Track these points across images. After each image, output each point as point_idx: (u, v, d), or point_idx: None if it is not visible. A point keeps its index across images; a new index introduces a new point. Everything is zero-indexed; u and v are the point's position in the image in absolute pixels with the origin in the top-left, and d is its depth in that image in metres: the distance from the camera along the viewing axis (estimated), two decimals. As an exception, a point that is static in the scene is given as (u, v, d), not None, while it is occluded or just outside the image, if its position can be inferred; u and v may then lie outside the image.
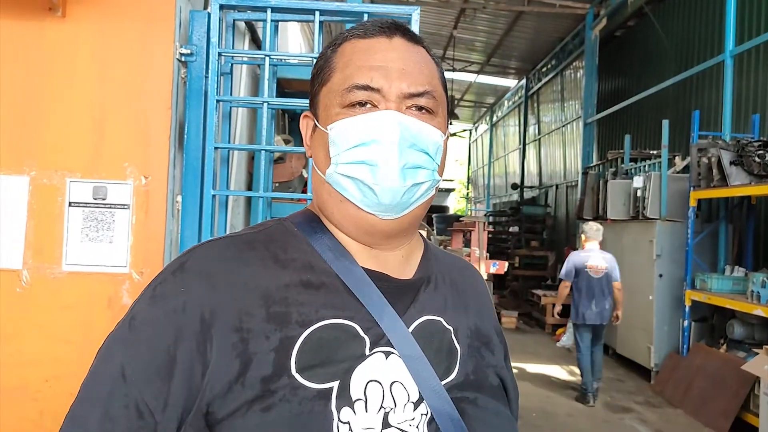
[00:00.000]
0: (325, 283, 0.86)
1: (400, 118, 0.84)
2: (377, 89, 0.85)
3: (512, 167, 20.58)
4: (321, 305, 0.83)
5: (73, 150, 2.17)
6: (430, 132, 0.88)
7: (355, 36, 0.91)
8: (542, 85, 16.93)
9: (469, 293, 1.03)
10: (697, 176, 6.65)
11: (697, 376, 6.41)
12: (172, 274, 0.84)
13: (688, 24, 9.53)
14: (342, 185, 0.86)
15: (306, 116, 0.97)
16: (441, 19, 14.25)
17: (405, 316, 0.88)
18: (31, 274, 2.14)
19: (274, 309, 0.81)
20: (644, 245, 7.71)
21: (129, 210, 2.18)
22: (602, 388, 7.03)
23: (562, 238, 14.27)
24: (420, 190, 0.87)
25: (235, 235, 0.92)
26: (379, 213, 0.86)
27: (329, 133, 0.87)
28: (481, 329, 0.99)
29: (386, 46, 0.88)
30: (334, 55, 0.91)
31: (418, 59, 0.89)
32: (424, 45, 0.93)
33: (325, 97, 0.90)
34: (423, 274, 0.96)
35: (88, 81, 2.19)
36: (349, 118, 0.85)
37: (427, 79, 0.89)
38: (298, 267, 0.86)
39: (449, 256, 1.11)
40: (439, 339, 0.90)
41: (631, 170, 8.95)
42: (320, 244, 0.90)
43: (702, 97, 8.89)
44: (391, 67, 0.86)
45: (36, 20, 2.17)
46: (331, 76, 0.89)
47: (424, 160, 0.87)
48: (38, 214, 2.15)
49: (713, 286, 6.51)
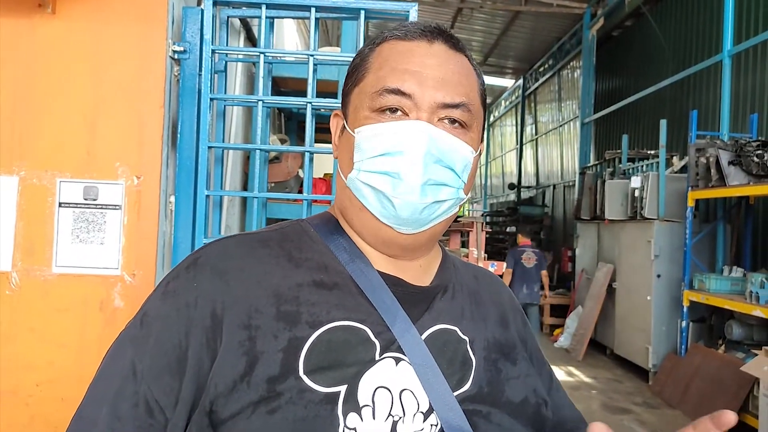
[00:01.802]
0: (338, 284, 0.83)
1: (429, 131, 0.80)
2: (409, 95, 0.81)
3: (509, 167, 20.57)
4: (332, 306, 0.81)
5: (63, 149, 2.13)
6: (460, 148, 0.83)
7: (394, 37, 0.87)
8: (539, 85, 16.91)
9: (489, 304, 0.98)
10: (695, 176, 6.63)
11: (696, 377, 6.39)
12: (186, 270, 0.83)
13: (685, 24, 9.51)
14: (362, 193, 0.83)
15: (336, 115, 0.94)
16: (438, 18, 14.22)
17: (418, 324, 0.84)
18: (21, 277, 2.09)
19: (285, 308, 0.79)
20: (642, 245, 7.69)
21: (121, 211, 2.14)
22: (600, 388, 7.01)
23: (560, 239, 14.25)
24: (441, 209, 0.84)
25: (250, 233, 0.90)
26: (396, 226, 0.83)
27: (356, 137, 0.84)
28: (501, 341, 0.94)
29: (425, 51, 0.84)
30: (371, 54, 0.87)
31: (457, 68, 0.85)
32: (467, 54, 0.89)
33: (357, 98, 0.86)
34: (440, 282, 0.93)
35: (78, 79, 2.15)
36: (377, 125, 0.82)
37: (465, 91, 0.84)
38: (312, 267, 0.84)
39: (470, 266, 1.07)
40: (453, 349, 0.86)
41: (629, 170, 8.94)
42: (336, 246, 0.88)
43: (700, 97, 8.87)
44: (427, 74, 0.82)
45: (25, 17, 2.13)
46: (365, 76, 0.86)
47: (449, 178, 0.82)
48: (28, 215, 2.10)
49: (711, 286, 6.48)
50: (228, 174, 2.91)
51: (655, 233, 7.41)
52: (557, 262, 12.88)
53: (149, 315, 0.80)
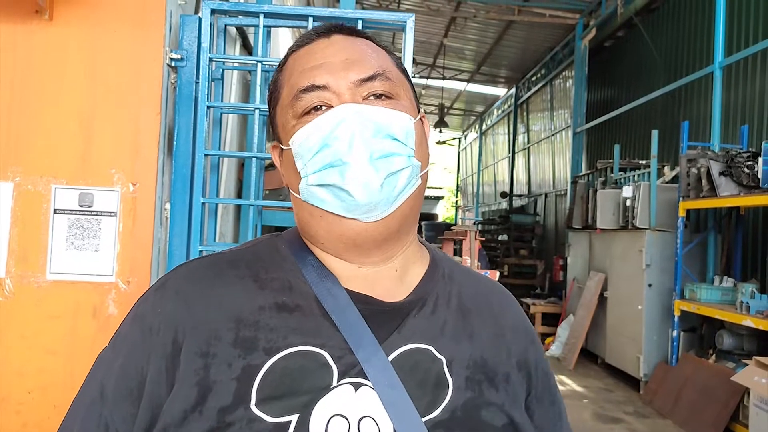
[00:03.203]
0: (300, 306, 0.80)
1: (354, 108, 0.78)
2: (324, 85, 0.80)
3: (501, 176, 20.62)
4: (291, 330, 0.78)
5: (59, 156, 2.12)
6: (393, 115, 0.80)
7: (294, 49, 0.87)
8: (532, 94, 16.99)
9: (485, 319, 0.91)
10: (687, 186, 6.67)
11: (687, 386, 6.41)
12: (154, 292, 0.83)
13: (677, 35, 9.59)
14: (317, 197, 0.80)
15: (273, 146, 0.92)
16: (431, 27, 14.28)
17: (386, 344, 0.80)
18: (14, 283, 2.08)
19: (244, 333, 0.77)
20: (633, 255, 7.72)
21: (116, 217, 2.13)
22: (591, 398, 7.02)
23: (551, 247, 14.29)
24: (400, 181, 0.79)
25: (225, 253, 0.88)
26: (361, 216, 0.78)
27: (292, 147, 0.81)
28: (489, 361, 0.86)
29: (325, 45, 0.84)
30: (280, 74, 0.88)
31: (362, 47, 0.85)
32: (369, 37, 0.89)
33: (280, 115, 0.86)
34: (418, 295, 0.87)
35: (75, 85, 2.15)
36: (305, 126, 0.80)
37: (377, 63, 0.83)
38: (276, 288, 0.81)
39: (469, 275, 0.99)
40: (425, 370, 0.80)
41: (621, 180, 8.98)
42: (304, 263, 0.85)
43: (691, 108, 8.94)
44: (332, 61, 0.81)
45: (22, 23, 2.12)
46: (281, 93, 0.86)
47: (394, 146, 0.79)
48: (22, 222, 2.09)
49: (702, 296, 6.51)
50: (223, 181, 2.91)
51: (646, 243, 7.45)
52: (549, 271, 12.91)
53: (119, 338, 0.82)
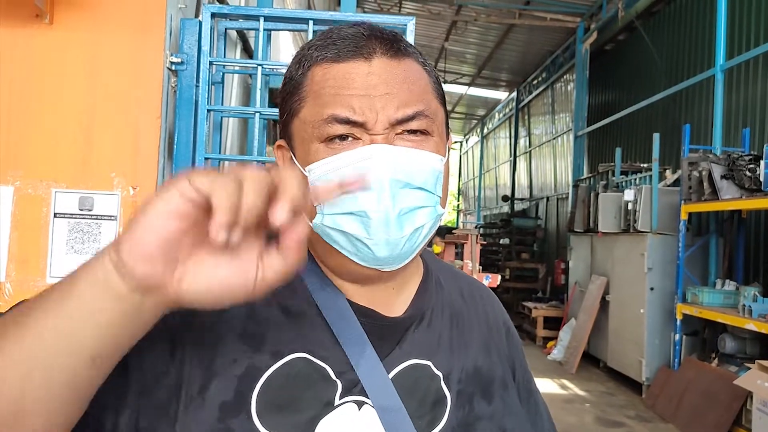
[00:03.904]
0: (305, 313, 0.77)
1: (389, 153, 0.71)
2: (361, 123, 0.72)
3: (503, 179, 20.61)
4: (294, 337, 0.74)
5: (59, 159, 2.12)
6: (428, 161, 0.74)
7: (326, 59, 0.76)
8: (533, 98, 16.99)
9: (474, 326, 0.90)
10: (688, 190, 6.66)
11: (689, 390, 6.39)
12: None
13: (678, 38, 9.59)
14: (332, 238, 0.74)
15: (280, 146, 0.83)
16: (432, 31, 14.30)
17: (387, 360, 0.77)
18: (14, 287, 2.08)
19: (252, 328, 0.73)
20: (635, 258, 7.71)
21: (116, 221, 2.13)
22: (593, 401, 7.00)
23: (553, 251, 14.27)
24: (422, 234, 0.75)
25: None
26: (377, 266, 0.75)
27: (309, 176, 0.74)
28: (481, 370, 0.86)
29: (365, 71, 0.74)
30: (304, 80, 0.77)
31: (405, 76, 0.75)
32: (411, 53, 0.79)
33: (300, 129, 0.77)
34: (415, 310, 0.84)
35: (76, 89, 2.15)
36: (329, 159, 0.72)
37: (419, 97, 0.75)
38: (282, 289, 0.74)
39: (458, 278, 0.98)
40: (425, 387, 0.79)
41: (622, 183, 8.97)
42: (306, 271, 0.80)
43: (692, 111, 8.93)
44: (373, 95, 0.73)
45: (23, 27, 2.13)
46: (302, 107, 0.76)
47: (422, 198, 0.73)
48: (22, 225, 2.09)
49: (704, 299, 6.50)
50: (223, 185, 2.90)
51: (648, 246, 7.43)
52: (550, 275, 12.89)
53: None
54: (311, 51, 0.78)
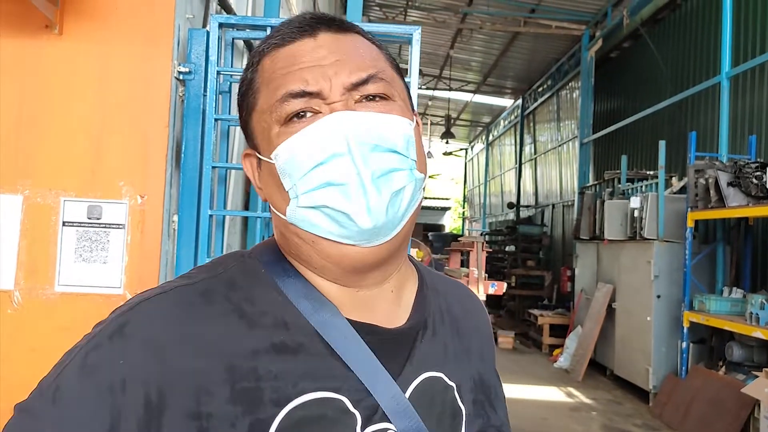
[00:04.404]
0: (304, 345, 0.70)
1: (352, 117, 0.69)
2: (316, 93, 0.70)
3: (508, 186, 20.60)
4: (300, 375, 0.68)
5: (68, 168, 2.14)
6: (391, 122, 0.71)
7: (272, 46, 0.75)
8: (538, 105, 17.00)
9: (471, 332, 0.88)
10: (695, 197, 6.65)
11: (696, 398, 6.36)
12: (109, 339, 0.66)
13: (683, 46, 9.59)
14: (311, 221, 0.69)
15: (247, 155, 0.79)
16: (438, 39, 14.34)
17: (401, 378, 0.73)
18: (23, 295, 2.09)
19: (241, 385, 0.65)
20: (642, 266, 7.69)
21: (124, 230, 2.14)
22: (600, 410, 6.96)
23: (559, 258, 14.24)
24: (405, 199, 0.71)
25: (188, 284, 0.72)
26: (364, 242, 0.69)
27: (276, 162, 0.70)
28: (484, 377, 0.85)
29: (312, 46, 0.73)
30: (255, 75, 0.76)
31: (353, 45, 0.74)
32: (358, 30, 0.78)
33: (258, 121, 0.74)
34: (419, 317, 0.80)
35: (84, 99, 2.17)
36: (292, 138, 0.69)
37: (370, 62, 0.73)
38: (269, 324, 0.70)
39: (447, 282, 0.94)
40: (442, 400, 0.76)
41: (628, 190, 8.96)
42: (294, 291, 0.73)
43: (698, 118, 8.92)
44: (324, 64, 0.71)
45: (32, 38, 2.15)
46: (257, 98, 0.74)
47: (396, 161, 0.70)
48: (31, 234, 2.11)
49: (711, 307, 6.47)
50: (230, 193, 2.92)
51: (654, 254, 7.41)
52: (556, 282, 12.86)
53: (62, 391, 0.63)
54: (258, 48, 0.78)
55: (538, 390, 7.96)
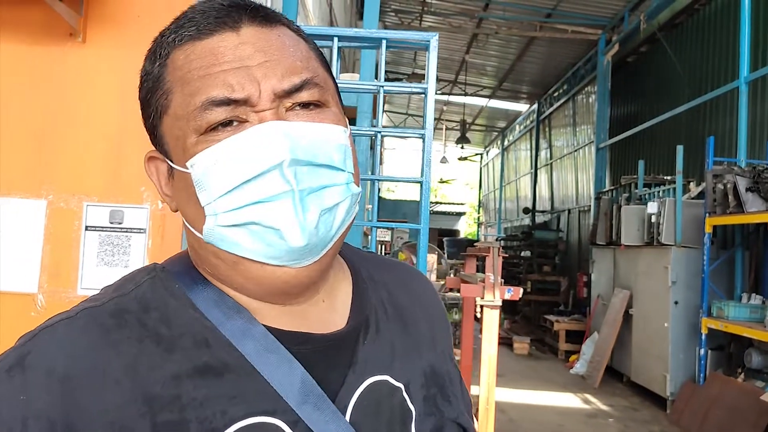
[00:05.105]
0: (229, 365, 0.62)
1: (284, 129, 0.61)
2: (243, 100, 0.61)
3: (524, 191, 20.54)
4: (228, 399, 0.61)
5: (90, 174, 2.18)
6: (329, 134, 0.65)
7: (185, 39, 0.65)
8: (554, 110, 16.95)
9: (419, 319, 0.81)
10: (713, 202, 6.60)
11: (714, 406, 6.30)
12: (7, 373, 0.58)
13: (701, 50, 9.53)
14: (231, 240, 0.62)
15: (152, 158, 0.70)
16: (453, 44, 14.36)
17: (344, 388, 0.67)
18: (47, 298, 2.13)
19: (163, 417, 0.58)
20: (659, 271, 7.64)
21: (145, 234, 2.17)
22: (617, 416, 6.91)
23: (575, 263, 14.17)
24: (338, 215, 0.65)
25: (96, 305, 0.64)
26: (293, 262, 0.63)
27: (192, 172, 0.62)
28: (436, 368, 0.78)
29: (235, 42, 0.63)
30: (165, 71, 0.65)
31: (281, 42, 0.65)
32: (284, 21, 0.69)
33: (171, 128, 0.65)
34: (358, 317, 0.73)
35: (106, 105, 2.20)
36: (213, 148, 0.61)
37: (303, 64, 0.65)
38: (188, 345, 0.62)
39: (385, 266, 0.85)
40: (389, 405, 0.70)
41: (645, 196, 8.91)
42: (203, 300, 0.66)
43: (716, 123, 8.86)
44: (250, 65, 0.62)
45: (56, 45, 2.19)
46: (170, 100, 0.65)
47: (331, 176, 0.64)
48: (55, 238, 2.15)
49: (730, 313, 6.41)
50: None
51: (672, 259, 7.37)
52: (572, 288, 12.80)
53: None
54: (165, 38, 0.67)
55: (554, 396, 7.92)
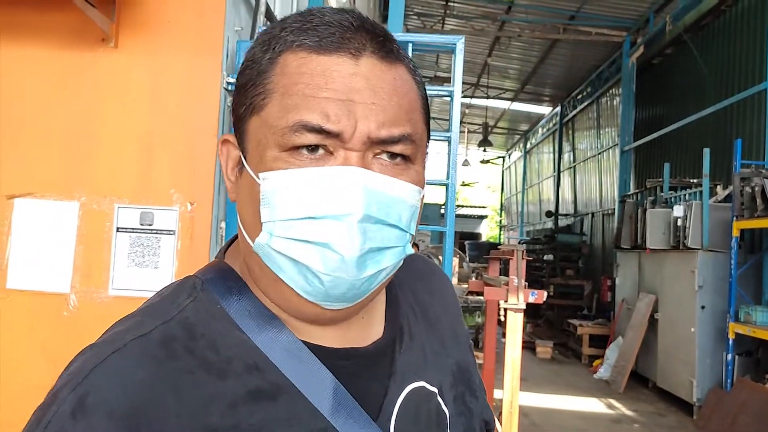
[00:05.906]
0: (281, 387, 0.62)
1: (366, 181, 0.59)
2: (336, 133, 0.59)
3: (546, 194, 20.41)
4: (283, 423, 0.60)
5: (121, 176, 2.22)
6: (406, 194, 0.63)
7: (303, 47, 0.62)
8: (577, 113, 16.83)
9: (441, 314, 0.82)
10: (740, 206, 6.51)
11: (742, 412, 6.20)
12: (72, 418, 0.55)
13: (728, 52, 9.40)
14: (278, 264, 0.62)
15: (227, 141, 0.69)
16: (475, 47, 14.33)
17: (387, 398, 0.67)
18: (79, 298, 2.18)
19: None
20: (685, 276, 7.54)
21: (174, 236, 2.21)
22: (642, 422, 6.83)
23: (599, 267, 14.04)
24: (383, 275, 0.64)
25: (142, 334, 0.62)
26: (324, 303, 0.62)
27: (262, 185, 0.61)
28: (461, 362, 0.79)
29: (350, 70, 0.60)
30: (272, 68, 0.62)
31: (394, 86, 0.62)
32: (403, 59, 0.65)
33: (258, 130, 0.63)
34: (394, 325, 0.73)
35: (137, 109, 2.25)
36: (290, 171, 0.60)
37: (407, 116, 0.63)
38: (240, 370, 0.61)
39: (405, 263, 0.80)
40: (427, 411, 0.71)
41: (671, 199, 8.81)
42: (237, 309, 0.65)
43: (743, 126, 8.73)
44: (356, 101, 0.59)
45: (89, 51, 2.24)
46: (266, 103, 0.62)
47: (394, 237, 0.62)
48: (87, 239, 2.19)
49: (758, 318, 6.31)
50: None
51: (699, 263, 7.27)
52: (596, 292, 12.68)
53: None
54: (285, 33, 0.63)
55: (578, 401, 7.85)
